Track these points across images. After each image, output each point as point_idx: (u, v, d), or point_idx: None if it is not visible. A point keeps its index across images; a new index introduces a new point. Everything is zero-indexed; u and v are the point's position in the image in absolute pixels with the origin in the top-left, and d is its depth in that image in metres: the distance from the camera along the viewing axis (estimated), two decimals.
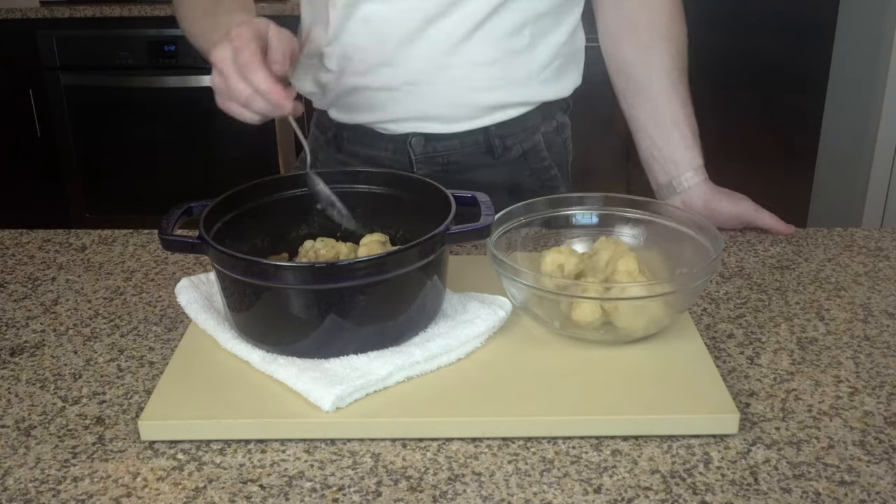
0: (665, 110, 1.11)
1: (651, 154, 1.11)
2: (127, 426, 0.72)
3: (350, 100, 1.11)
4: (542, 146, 1.16)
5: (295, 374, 0.73)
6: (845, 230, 1.10)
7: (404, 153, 1.12)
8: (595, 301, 0.76)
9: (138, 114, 2.78)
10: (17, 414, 0.74)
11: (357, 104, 1.11)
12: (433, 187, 0.87)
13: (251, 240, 0.88)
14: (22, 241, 1.10)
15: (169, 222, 0.80)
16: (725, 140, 2.74)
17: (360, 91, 1.10)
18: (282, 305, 0.75)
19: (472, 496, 0.64)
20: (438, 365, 0.76)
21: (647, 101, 1.12)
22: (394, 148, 1.13)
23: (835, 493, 0.64)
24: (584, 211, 0.93)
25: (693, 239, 0.86)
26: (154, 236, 1.09)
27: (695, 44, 1.16)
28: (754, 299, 0.93)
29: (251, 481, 0.65)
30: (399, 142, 1.12)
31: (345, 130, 1.15)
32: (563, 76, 1.15)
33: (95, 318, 0.90)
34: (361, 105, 1.11)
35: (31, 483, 0.66)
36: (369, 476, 0.66)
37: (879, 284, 0.96)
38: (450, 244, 0.79)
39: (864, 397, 0.75)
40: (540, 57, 1.10)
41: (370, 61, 1.07)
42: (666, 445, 0.69)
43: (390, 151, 1.13)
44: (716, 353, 0.82)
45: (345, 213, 0.89)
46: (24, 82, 2.76)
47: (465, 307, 0.83)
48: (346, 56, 1.08)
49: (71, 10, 2.68)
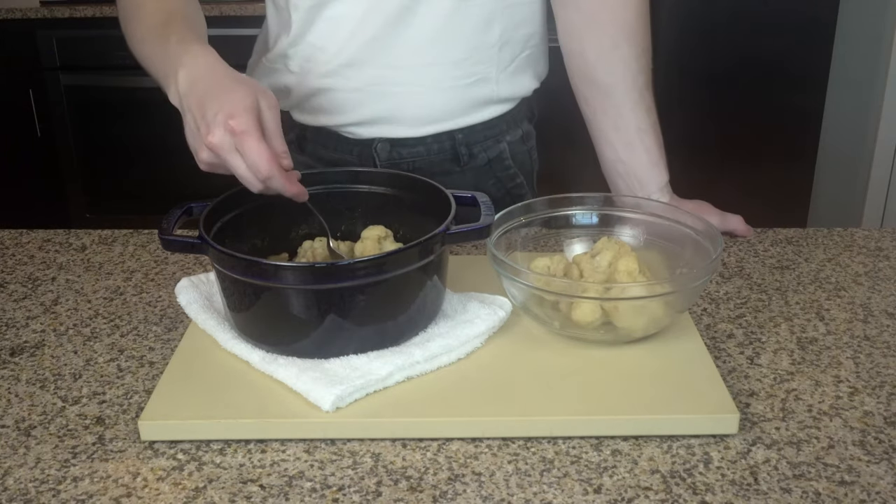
0: (630, 119, 1.04)
1: (615, 169, 1.07)
2: (127, 426, 0.72)
3: (314, 102, 1.09)
4: (507, 154, 1.15)
5: (295, 374, 0.73)
6: (845, 230, 1.10)
7: (369, 158, 1.11)
8: (595, 301, 0.76)
9: (138, 114, 2.78)
10: (17, 414, 0.74)
11: (321, 106, 1.09)
12: (433, 187, 0.87)
13: (251, 240, 0.88)
14: (22, 241, 1.10)
15: (169, 222, 0.80)
16: (725, 140, 2.74)
17: (324, 93, 1.08)
18: (282, 305, 0.75)
19: (472, 496, 0.64)
20: (438, 365, 0.76)
21: (612, 109, 1.05)
22: (359, 152, 1.11)
23: (835, 493, 0.64)
24: (584, 211, 0.93)
25: (693, 239, 0.86)
26: (154, 236, 1.10)
27: (695, 44, 1.16)
28: (754, 299, 0.93)
29: (251, 481, 0.65)
30: (364, 146, 1.10)
31: (308, 131, 1.13)
32: (530, 68, 1.12)
33: (95, 318, 0.90)
34: (326, 107, 1.09)
35: (31, 483, 0.66)
36: (369, 476, 0.66)
37: (879, 284, 0.96)
38: (450, 244, 0.79)
39: (864, 397, 0.75)
40: (509, 51, 1.07)
41: (334, 62, 1.05)
42: (666, 445, 0.69)
43: (355, 155, 1.11)
44: (716, 353, 0.82)
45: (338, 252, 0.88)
46: (24, 82, 2.76)
47: (465, 307, 0.83)
48: (310, 58, 1.06)
49: (71, 10, 2.68)
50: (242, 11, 2.60)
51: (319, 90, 1.08)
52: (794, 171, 2.76)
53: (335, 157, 1.13)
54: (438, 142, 1.10)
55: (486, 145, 1.13)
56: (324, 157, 1.14)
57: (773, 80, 2.67)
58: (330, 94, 1.08)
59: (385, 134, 1.09)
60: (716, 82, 2.67)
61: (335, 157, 1.13)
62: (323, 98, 1.09)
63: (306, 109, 1.11)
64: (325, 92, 1.08)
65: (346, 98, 1.08)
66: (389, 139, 1.10)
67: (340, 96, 1.08)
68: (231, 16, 2.61)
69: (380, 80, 1.05)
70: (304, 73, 1.08)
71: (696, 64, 2.66)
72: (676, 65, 2.66)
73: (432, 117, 1.08)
